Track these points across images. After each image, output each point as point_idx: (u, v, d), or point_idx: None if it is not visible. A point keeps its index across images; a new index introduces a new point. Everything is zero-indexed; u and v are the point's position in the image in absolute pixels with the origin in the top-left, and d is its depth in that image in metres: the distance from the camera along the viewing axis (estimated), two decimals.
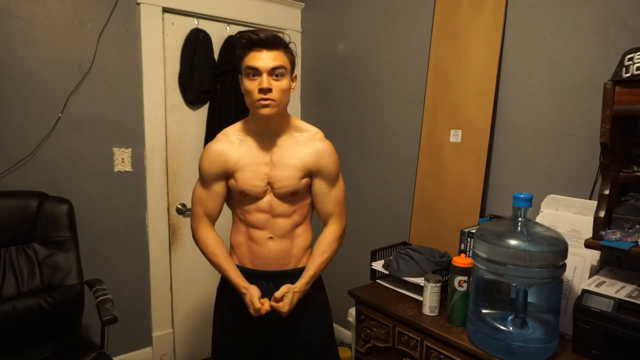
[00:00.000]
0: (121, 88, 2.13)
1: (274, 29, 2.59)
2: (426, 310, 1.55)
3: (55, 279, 1.74)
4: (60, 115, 1.98)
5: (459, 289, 1.46)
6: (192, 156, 2.38)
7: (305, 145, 1.39)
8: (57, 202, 1.80)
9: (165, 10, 2.21)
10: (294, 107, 2.71)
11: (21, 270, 1.71)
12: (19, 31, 1.86)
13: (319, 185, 1.42)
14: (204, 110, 2.39)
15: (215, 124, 2.33)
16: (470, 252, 1.64)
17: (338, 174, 1.46)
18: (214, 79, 2.33)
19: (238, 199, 1.42)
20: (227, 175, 1.39)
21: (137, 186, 2.23)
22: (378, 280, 1.86)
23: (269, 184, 1.37)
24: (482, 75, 1.79)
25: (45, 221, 1.76)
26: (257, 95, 1.27)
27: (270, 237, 1.39)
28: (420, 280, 1.65)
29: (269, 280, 1.41)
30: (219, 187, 1.42)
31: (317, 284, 1.47)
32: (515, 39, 1.71)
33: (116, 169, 2.16)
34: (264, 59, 1.27)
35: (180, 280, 2.43)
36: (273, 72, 1.28)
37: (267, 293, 1.38)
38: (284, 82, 1.30)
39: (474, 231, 1.58)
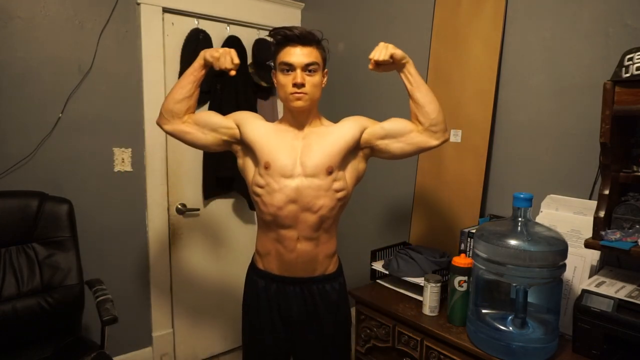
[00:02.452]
0: (121, 88, 2.13)
1: None
2: (426, 310, 1.55)
3: (55, 279, 1.74)
4: (60, 115, 1.98)
5: (459, 289, 1.46)
6: (192, 156, 2.38)
7: (337, 126, 1.44)
8: (57, 202, 1.80)
9: (165, 10, 2.21)
10: None
11: (21, 270, 1.71)
12: (19, 31, 1.86)
13: (377, 126, 1.43)
14: (204, 110, 2.38)
15: None
16: (470, 252, 1.64)
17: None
18: (214, 79, 2.33)
19: (261, 182, 1.37)
20: (240, 130, 1.42)
21: (137, 186, 2.23)
22: (378, 280, 1.86)
23: (301, 164, 1.35)
24: (482, 75, 1.79)
25: (45, 221, 1.76)
26: (290, 88, 1.32)
27: (298, 239, 1.37)
28: (420, 280, 1.65)
29: (296, 285, 1.41)
30: (227, 122, 1.44)
31: (338, 279, 1.48)
32: (515, 39, 1.71)
33: (116, 169, 2.16)
34: (298, 55, 1.32)
35: (180, 280, 2.43)
36: (306, 67, 1.33)
37: (295, 298, 1.41)
38: (316, 78, 1.35)
39: (474, 231, 1.58)
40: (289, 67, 1.33)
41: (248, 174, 1.44)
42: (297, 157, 1.36)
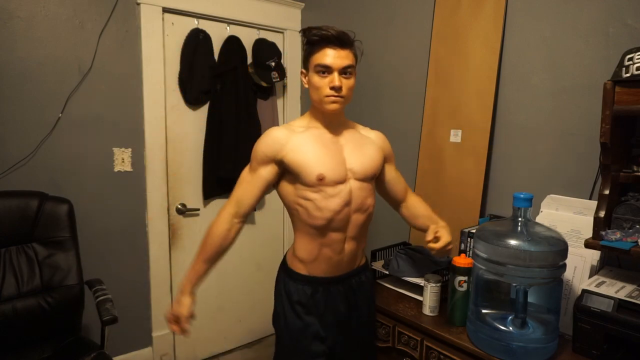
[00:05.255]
0: (121, 88, 2.13)
1: (273, 29, 2.59)
2: (426, 310, 1.55)
3: (55, 279, 1.74)
4: (60, 115, 1.98)
5: (459, 289, 1.46)
6: (192, 156, 2.39)
7: (367, 133, 1.46)
8: (57, 202, 1.80)
9: (165, 10, 2.21)
10: (294, 107, 2.70)
11: (21, 270, 1.71)
12: (19, 31, 1.86)
13: (390, 169, 1.50)
14: (204, 110, 2.39)
15: (215, 124, 2.33)
16: (470, 252, 1.64)
17: None
18: (214, 79, 2.33)
19: (309, 195, 1.31)
20: (281, 161, 1.31)
21: (137, 186, 2.23)
22: (378, 280, 1.86)
23: (349, 169, 1.34)
24: (482, 75, 1.79)
25: (45, 221, 1.76)
26: (327, 91, 1.28)
27: (345, 240, 1.37)
28: (420, 280, 1.65)
29: (339, 284, 1.40)
30: (265, 171, 1.33)
31: (368, 268, 1.53)
32: (515, 39, 1.71)
33: (116, 169, 2.16)
34: (335, 57, 1.27)
35: (180, 280, 2.42)
36: (344, 70, 1.29)
37: (339, 297, 1.39)
38: (352, 81, 1.32)
39: (474, 231, 1.58)
40: (326, 69, 1.28)
41: (288, 192, 1.37)
42: (343, 161, 1.35)
